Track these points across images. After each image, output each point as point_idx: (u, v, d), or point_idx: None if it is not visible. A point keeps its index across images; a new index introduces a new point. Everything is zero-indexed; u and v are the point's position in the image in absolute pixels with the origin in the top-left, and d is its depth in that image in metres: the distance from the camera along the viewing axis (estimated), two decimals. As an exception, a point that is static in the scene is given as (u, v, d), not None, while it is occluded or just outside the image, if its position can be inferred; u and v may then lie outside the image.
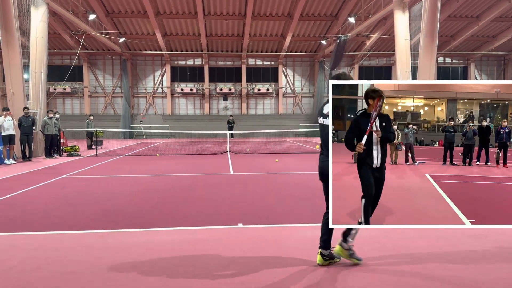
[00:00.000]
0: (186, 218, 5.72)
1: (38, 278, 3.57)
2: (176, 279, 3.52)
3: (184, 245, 4.45)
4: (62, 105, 33.62)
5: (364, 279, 3.49)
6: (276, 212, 5.89)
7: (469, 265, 3.81)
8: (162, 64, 34.18)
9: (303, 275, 3.57)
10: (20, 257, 4.11)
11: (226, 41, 32.03)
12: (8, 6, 14.11)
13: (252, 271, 3.66)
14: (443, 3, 21.10)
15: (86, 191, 7.97)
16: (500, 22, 28.84)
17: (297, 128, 33.27)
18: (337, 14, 28.07)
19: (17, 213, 6.08)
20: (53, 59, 32.09)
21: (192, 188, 8.29)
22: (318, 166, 3.98)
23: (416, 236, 4.64)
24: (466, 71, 35.83)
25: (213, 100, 34.75)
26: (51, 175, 10.36)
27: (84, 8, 24.85)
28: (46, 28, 17.34)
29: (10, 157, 13.35)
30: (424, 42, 15.82)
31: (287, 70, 35.11)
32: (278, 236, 4.65)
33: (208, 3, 26.05)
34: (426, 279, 3.49)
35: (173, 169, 11.45)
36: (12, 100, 14.90)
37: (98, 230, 5.18)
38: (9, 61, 14.73)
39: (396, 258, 4.00)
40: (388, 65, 35.61)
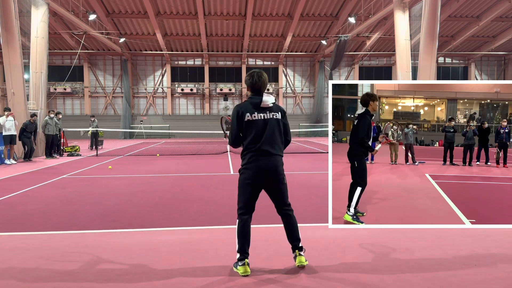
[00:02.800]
0: (186, 218, 5.73)
1: (38, 278, 3.57)
2: (176, 279, 3.52)
3: (184, 245, 4.45)
4: (62, 105, 33.65)
5: (364, 278, 3.49)
6: (276, 212, 5.88)
7: (469, 265, 3.81)
8: (163, 64, 34.20)
9: (303, 275, 3.58)
10: (20, 257, 4.11)
11: (226, 41, 32.04)
12: (8, 6, 14.11)
13: (252, 271, 3.66)
14: (443, 3, 21.11)
15: (86, 191, 7.97)
16: (500, 22, 28.84)
17: (297, 128, 33.27)
18: (337, 14, 28.07)
19: (17, 213, 6.09)
20: (54, 59, 32.12)
21: (192, 188, 8.29)
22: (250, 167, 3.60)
23: (416, 236, 4.64)
24: (466, 71, 35.82)
25: (213, 100, 34.77)
26: (52, 175, 10.36)
27: (85, 8, 24.87)
28: (47, 28, 17.34)
29: (10, 157, 13.36)
30: (424, 42, 15.82)
31: (287, 70, 35.11)
32: (278, 236, 4.65)
33: (208, 3, 26.06)
34: (426, 279, 3.49)
35: (173, 169, 11.46)
36: (12, 100, 14.91)
37: (98, 230, 5.18)
38: (9, 61, 14.74)
39: (396, 258, 4.00)
40: (388, 65, 35.61)
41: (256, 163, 3.58)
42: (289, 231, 3.73)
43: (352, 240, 4.55)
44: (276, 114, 3.67)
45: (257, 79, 3.66)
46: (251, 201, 3.67)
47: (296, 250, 3.71)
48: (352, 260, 3.95)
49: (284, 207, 3.74)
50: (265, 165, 3.58)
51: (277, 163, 3.63)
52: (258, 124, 3.60)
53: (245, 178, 3.63)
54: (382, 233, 4.75)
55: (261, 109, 3.63)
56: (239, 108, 3.66)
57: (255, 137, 3.59)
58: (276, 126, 3.65)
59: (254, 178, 3.59)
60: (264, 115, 3.63)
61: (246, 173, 3.62)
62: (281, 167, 3.68)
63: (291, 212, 3.76)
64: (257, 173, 3.59)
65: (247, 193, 3.64)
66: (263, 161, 3.58)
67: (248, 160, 3.62)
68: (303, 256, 3.70)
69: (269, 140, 3.60)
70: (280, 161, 3.68)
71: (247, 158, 3.63)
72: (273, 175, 3.62)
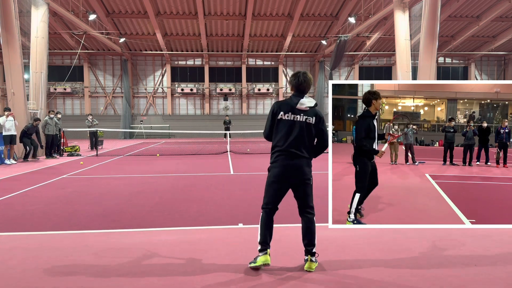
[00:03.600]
0: (186, 218, 5.73)
1: (38, 278, 3.57)
2: (176, 279, 3.52)
3: (184, 245, 4.45)
4: (62, 105, 33.63)
5: (364, 278, 3.49)
6: (276, 212, 5.88)
7: (469, 265, 3.81)
8: (163, 64, 34.19)
9: (303, 275, 3.58)
10: (20, 257, 4.11)
11: (226, 41, 32.03)
12: (8, 6, 14.11)
13: (253, 271, 3.66)
14: (443, 3, 21.11)
15: (87, 191, 7.97)
16: (500, 22, 28.83)
17: (297, 128, 33.20)
18: (337, 14, 28.07)
19: (17, 213, 6.09)
20: (54, 59, 32.11)
21: (192, 188, 8.29)
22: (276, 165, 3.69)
23: (416, 236, 4.64)
24: (466, 71, 35.81)
25: (213, 100, 34.75)
26: (52, 175, 10.36)
27: (85, 8, 24.86)
28: (47, 28, 17.34)
29: (10, 157, 13.36)
30: (424, 42, 15.81)
31: (287, 70, 35.10)
32: (278, 235, 4.65)
33: (208, 3, 26.06)
34: (426, 279, 3.49)
35: (173, 169, 11.46)
36: (12, 100, 14.91)
37: (98, 230, 5.18)
38: (9, 61, 14.74)
39: (396, 258, 4.00)
40: (388, 65, 35.60)
41: (282, 162, 3.63)
42: (306, 234, 3.70)
43: (352, 240, 4.55)
44: (310, 118, 3.65)
45: (302, 80, 3.69)
46: (275, 198, 3.72)
47: (309, 255, 3.69)
48: (352, 260, 3.95)
49: (307, 209, 3.73)
50: (290, 165, 3.62)
51: (302, 163, 3.63)
52: (288, 125, 3.64)
53: (271, 176, 3.71)
54: (382, 233, 4.75)
55: (296, 111, 3.65)
56: (276, 105, 3.74)
57: (283, 137, 3.64)
58: (306, 130, 3.64)
59: (279, 177, 3.64)
60: (297, 116, 3.64)
61: (272, 171, 3.70)
62: (307, 169, 3.67)
63: (312, 216, 3.73)
64: (282, 172, 3.63)
65: (271, 190, 3.71)
66: (288, 161, 3.62)
67: (274, 159, 3.69)
68: (314, 263, 3.66)
69: (296, 142, 3.62)
70: (305, 162, 3.66)
71: (274, 156, 3.71)
72: (298, 175, 3.63)
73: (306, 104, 3.64)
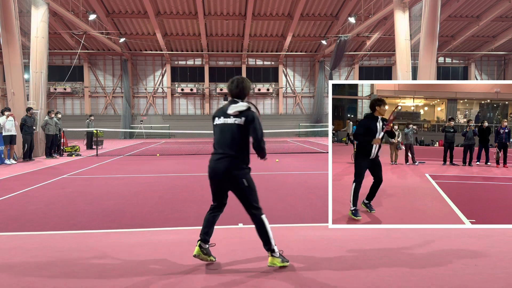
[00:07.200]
0: (186, 218, 5.73)
1: (38, 278, 3.57)
2: (176, 279, 3.52)
3: (184, 245, 4.45)
4: (62, 105, 33.65)
5: (364, 278, 3.49)
6: (277, 212, 5.89)
7: (469, 265, 3.82)
8: (163, 64, 34.21)
9: (303, 274, 3.58)
10: (20, 257, 4.11)
11: (226, 41, 32.05)
12: (8, 6, 14.12)
13: (253, 271, 3.66)
14: (443, 3, 21.12)
15: (87, 191, 7.97)
16: (500, 22, 28.85)
17: (297, 128, 33.29)
18: (337, 14, 28.08)
19: (17, 213, 6.09)
20: (54, 59, 32.13)
21: (192, 188, 8.29)
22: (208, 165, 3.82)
23: (416, 236, 4.64)
24: (466, 71, 35.83)
25: (213, 100, 34.77)
26: (52, 175, 10.36)
27: (85, 8, 24.87)
28: (47, 28, 17.35)
29: (10, 157, 13.37)
30: (424, 42, 15.82)
31: (287, 70, 35.12)
32: (279, 235, 4.65)
33: (208, 3, 26.07)
34: (426, 279, 3.49)
35: (174, 169, 11.46)
36: (12, 100, 14.91)
37: (98, 230, 5.18)
38: (9, 61, 14.75)
39: (396, 258, 4.00)
40: (388, 65, 35.62)
41: (210, 164, 3.81)
42: (258, 235, 3.72)
43: (352, 240, 4.55)
44: (239, 119, 3.66)
45: (234, 86, 3.82)
46: (213, 197, 3.97)
47: (269, 252, 3.70)
48: (352, 260, 3.95)
49: (250, 209, 3.75)
50: (216, 167, 3.74)
51: (227, 165, 3.67)
52: (219, 128, 3.77)
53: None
54: (382, 233, 4.75)
55: (227, 115, 3.73)
56: (215, 112, 3.91)
57: (215, 139, 3.82)
58: (237, 131, 3.66)
59: (209, 177, 3.85)
60: (227, 119, 3.72)
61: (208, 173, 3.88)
62: (236, 171, 3.67)
63: (258, 216, 3.70)
64: (210, 172, 3.82)
65: (211, 189, 3.95)
66: (215, 162, 3.75)
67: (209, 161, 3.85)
68: (276, 258, 3.66)
69: (224, 143, 3.71)
70: (233, 163, 3.67)
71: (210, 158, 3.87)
72: (226, 177, 3.71)
73: (236, 109, 3.68)
